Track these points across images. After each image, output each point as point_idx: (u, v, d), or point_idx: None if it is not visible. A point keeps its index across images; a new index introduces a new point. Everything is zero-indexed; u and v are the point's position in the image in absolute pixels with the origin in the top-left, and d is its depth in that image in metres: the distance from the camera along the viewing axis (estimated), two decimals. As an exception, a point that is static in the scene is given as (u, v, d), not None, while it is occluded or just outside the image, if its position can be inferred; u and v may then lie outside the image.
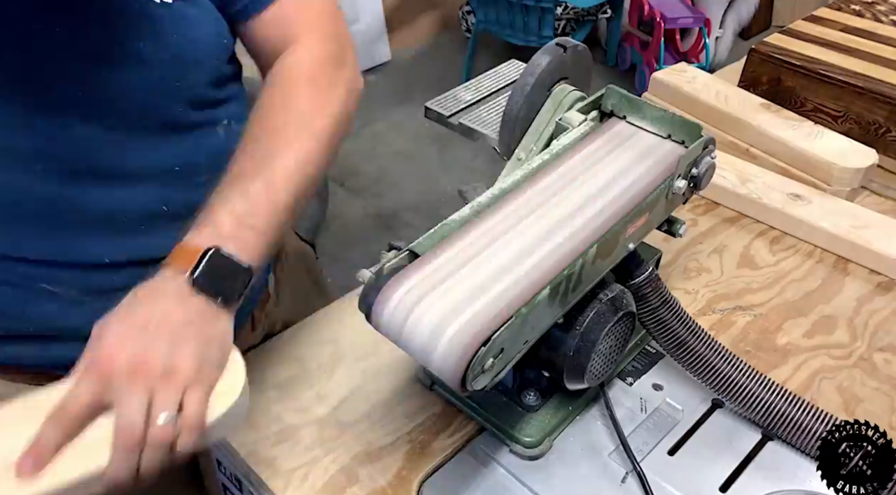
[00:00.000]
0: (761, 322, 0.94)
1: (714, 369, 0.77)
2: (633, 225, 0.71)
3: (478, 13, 3.32)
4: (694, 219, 1.11)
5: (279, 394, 0.84)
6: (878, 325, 0.94)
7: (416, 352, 0.60)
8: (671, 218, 0.81)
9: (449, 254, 0.65)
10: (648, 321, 0.78)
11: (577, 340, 0.71)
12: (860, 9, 1.44)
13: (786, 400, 0.75)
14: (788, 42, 1.33)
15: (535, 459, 0.77)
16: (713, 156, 0.78)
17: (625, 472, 0.75)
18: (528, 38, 3.19)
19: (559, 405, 0.79)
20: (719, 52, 3.64)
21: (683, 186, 0.75)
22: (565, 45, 0.82)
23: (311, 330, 0.93)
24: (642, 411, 0.81)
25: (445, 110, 0.93)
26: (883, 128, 1.20)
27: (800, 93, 1.28)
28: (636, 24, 3.49)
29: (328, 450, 0.78)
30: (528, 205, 0.71)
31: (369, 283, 0.62)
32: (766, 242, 1.08)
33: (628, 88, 1.02)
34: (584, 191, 0.73)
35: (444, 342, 0.58)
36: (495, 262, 0.64)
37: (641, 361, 0.87)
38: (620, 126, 0.81)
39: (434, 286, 0.61)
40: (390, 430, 0.80)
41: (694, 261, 1.04)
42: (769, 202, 1.08)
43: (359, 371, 0.87)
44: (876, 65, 1.25)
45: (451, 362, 0.57)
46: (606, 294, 0.73)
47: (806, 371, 0.88)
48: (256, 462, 0.77)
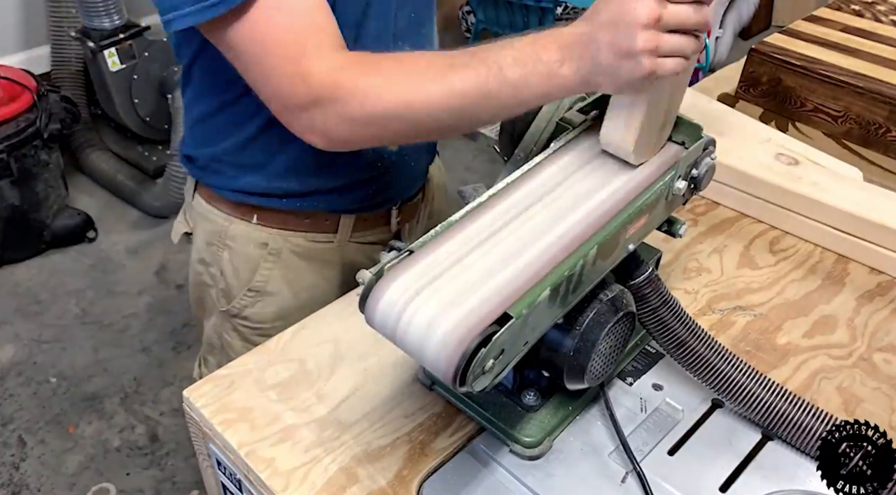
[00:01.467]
0: (761, 322, 0.94)
1: (714, 369, 0.77)
2: (634, 225, 0.71)
3: (478, 13, 3.32)
4: (694, 219, 1.11)
5: (279, 394, 0.84)
6: (878, 325, 0.94)
7: (410, 347, 0.60)
8: (671, 218, 0.81)
9: (443, 251, 0.65)
10: (648, 321, 0.78)
11: (577, 340, 0.71)
12: (860, 9, 1.44)
13: (786, 400, 0.75)
14: (788, 42, 1.33)
15: (535, 459, 0.77)
16: (713, 156, 0.78)
17: (625, 472, 0.75)
18: (528, 37, 3.19)
19: (559, 405, 0.79)
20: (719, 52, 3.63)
21: (683, 187, 0.75)
22: (565, 45, 0.82)
23: (311, 330, 0.93)
24: (642, 411, 0.81)
25: (445, 110, 0.93)
26: (883, 128, 1.20)
27: (800, 93, 1.28)
28: (636, 23, 3.49)
29: (328, 450, 0.78)
30: (523, 203, 0.71)
31: (369, 284, 0.62)
32: (766, 242, 1.08)
33: (628, 88, 1.02)
34: (580, 190, 0.73)
35: (436, 337, 0.58)
36: (489, 259, 0.64)
37: (641, 361, 0.87)
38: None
39: (428, 282, 0.61)
40: (390, 430, 0.80)
41: (694, 261, 1.04)
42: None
43: (359, 371, 0.87)
44: (876, 65, 1.25)
45: (445, 357, 0.57)
46: (606, 294, 0.73)
47: (806, 371, 0.88)
48: (256, 462, 0.77)
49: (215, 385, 0.85)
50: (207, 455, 0.88)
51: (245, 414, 0.82)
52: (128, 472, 1.84)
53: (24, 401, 2.01)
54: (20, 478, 1.82)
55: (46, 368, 2.10)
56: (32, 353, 2.14)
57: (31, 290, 2.34)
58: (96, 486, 1.80)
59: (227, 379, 0.86)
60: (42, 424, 1.95)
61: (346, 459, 0.77)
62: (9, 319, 2.24)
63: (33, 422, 1.96)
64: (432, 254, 0.64)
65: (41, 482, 1.82)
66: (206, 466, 0.92)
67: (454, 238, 0.66)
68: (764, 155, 1.12)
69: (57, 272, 2.41)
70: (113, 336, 2.20)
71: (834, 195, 1.04)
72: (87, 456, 1.87)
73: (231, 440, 0.79)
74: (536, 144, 0.82)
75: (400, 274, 0.62)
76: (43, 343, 2.17)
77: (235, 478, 0.83)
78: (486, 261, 0.64)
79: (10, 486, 1.81)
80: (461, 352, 0.56)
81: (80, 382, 2.06)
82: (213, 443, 0.83)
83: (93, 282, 2.37)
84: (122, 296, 2.32)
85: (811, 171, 1.09)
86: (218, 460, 0.85)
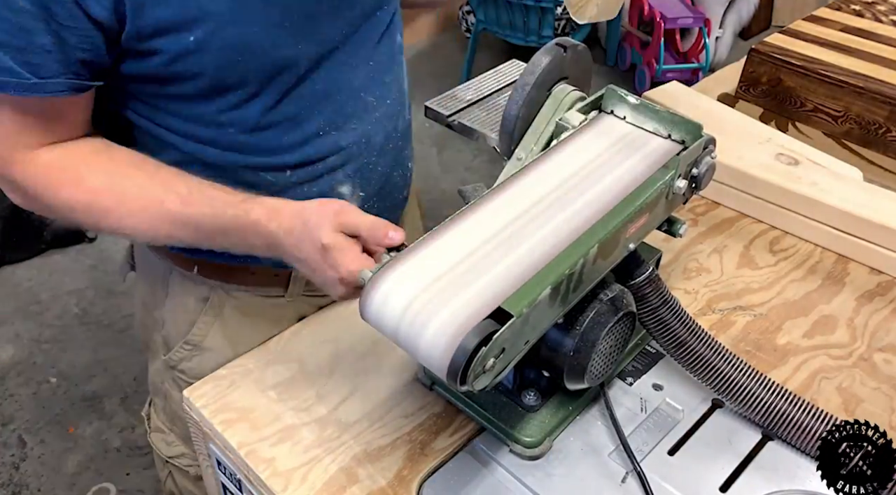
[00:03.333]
0: (761, 322, 0.94)
1: (714, 369, 0.77)
2: (634, 225, 0.71)
3: (478, 13, 3.32)
4: (694, 219, 1.11)
5: (279, 394, 0.84)
6: (878, 325, 0.94)
7: (408, 344, 0.60)
8: (671, 218, 0.81)
9: (443, 250, 0.65)
10: (648, 321, 0.78)
11: (577, 340, 0.71)
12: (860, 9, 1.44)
13: (786, 400, 0.75)
14: (788, 42, 1.33)
15: (535, 459, 0.77)
16: (713, 156, 0.78)
17: (625, 472, 0.75)
18: (528, 38, 3.19)
19: (559, 405, 0.79)
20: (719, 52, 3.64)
21: (684, 186, 0.75)
22: (565, 45, 0.82)
23: (311, 330, 0.93)
24: (642, 411, 0.81)
25: (445, 110, 0.93)
26: (883, 128, 1.20)
27: (800, 93, 1.28)
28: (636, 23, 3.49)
29: (328, 450, 0.78)
30: (520, 200, 0.71)
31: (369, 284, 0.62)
32: (766, 242, 1.08)
33: (628, 88, 1.02)
34: (579, 188, 0.72)
35: (430, 331, 0.58)
36: (489, 257, 0.64)
37: (641, 361, 0.87)
38: (619, 125, 0.81)
39: (427, 280, 0.61)
40: (390, 430, 0.80)
41: (694, 261, 1.04)
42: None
43: (359, 371, 0.87)
44: (876, 65, 1.25)
45: (438, 352, 0.57)
46: (606, 294, 0.73)
47: (806, 371, 0.88)
48: (256, 462, 0.77)
49: (215, 385, 0.85)
50: (207, 455, 0.88)
51: (245, 414, 0.82)
52: (128, 472, 1.84)
53: (24, 401, 2.01)
54: (20, 478, 1.83)
55: (46, 368, 2.10)
56: (32, 353, 2.14)
57: (31, 290, 2.34)
58: (96, 486, 1.80)
59: (228, 378, 0.86)
60: (42, 424, 1.95)
61: (346, 459, 0.77)
62: (9, 319, 2.24)
63: (33, 422, 1.96)
64: (432, 252, 0.64)
65: (41, 482, 1.82)
66: (206, 466, 0.92)
67: (454, 237, 0.66)
68: (764, 155, 1.12)
69: (57, 272, 2.41)
70: (113, 336, 2.20)
71: (834, 195, 1.04)
72: (87, 456, 1.87)
73: (231, 440, 0.79)
74: (536, 144, 0.82)
75: (400, 272, 0.62)
76: (43, 343, 2.17)
77: (235, 478, 0.83)
78: (485, 259, 0.64)
79: (10, 486, 1.81)
80: (457, 346, 0.56)
81: (80, 382, 2.06)
82: (213, 443, 0.83)
83: (93, 282, 2.37)
84: (122, 296, 2.31)
85: (811, 171, 1.09)
86: (218, 460, 0.85)
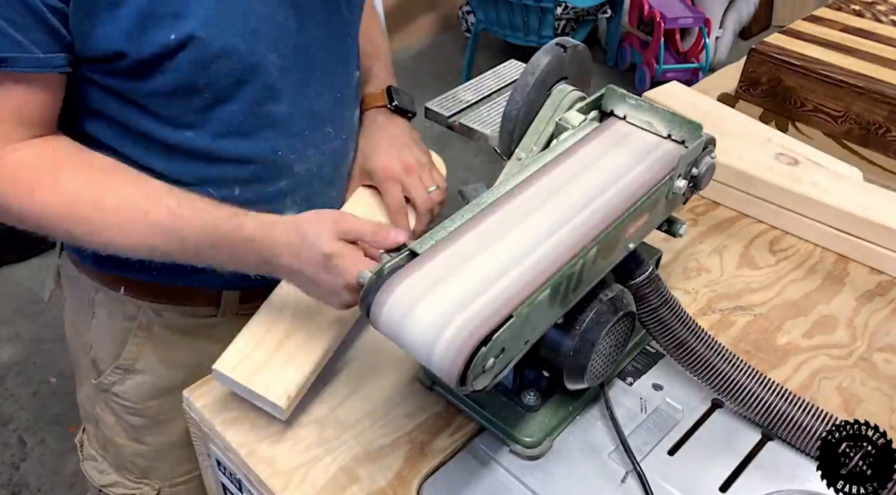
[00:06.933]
0: (761, 322, 0.94)
1: (714, 369, 0.77)
2: (634, 225, 0.71)
3: (478, 13, 3.32)
4: (694, 219, 1.11)
5: (279, 394, 0.84)
6: (878, 325, 0.94)
7: (416, 350, 0.60)
8: (671, 218, 0.81)
9: (448, 253, 0.65)
10: (648, 321, 0.78)
11: (577, 340, 0.71)
12: (860, 9, 1.44)
13: (786, 400, 0.75)
14: (788, 42, 1.33)
15: (535, 459, 0.77)
16: (713, 155, 0.78)
17: (625, 472, 0.75)
18: (528, 38, 3.19)
19: (559, 405, 0.79)
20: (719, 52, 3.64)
21: (684, 186, 0.75)
22: (565, 45, 0.82)
23: (311, 330, 0.93)
24: (642, 411, 0.81)
25: (445, 110, 0.93)
26: (883, 128, 1.20)
27: (800, 93, 1.28)
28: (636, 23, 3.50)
29: (328, 450, 0.78)
30: (527, 204, 0.71)
31: (370, 284, 0.62)
32: (766, 242, 1.08)
33: (628, 88, 1.02)
34: (583, 190, 0.72)
35: (443, 340, 0.58)
36: (494, 261, 0.64)
37: (641, 361, 0.87)
38: (620, 125, 0.81)
39: (433, 284, 0.61)
40: (390, 430, 0.80)
41: (694, 261, 1.04)
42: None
43: (359, 371, 0.87)
44: (876, 65, 1.25)
45: (450, 360, 0.57)
46: (606, 294, 0.73)
47: (806, 371, 0.88)
48: (256, 462, 0.77)
49: (215, 384, 0.85)
50: (207, 455, 0.88)
51: (245, 413, 0.82)
52: (128, 472, 1.84)
53: (24, 401, 2.01)
54: (20, 478, 1.83)
55: (46, 368, 2.10)
56: (32, 353, 2.14)
57: (31, 290, 2.34)
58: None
59: (227, 379, 0.86)
60: (42, 424, 1.95)
61: (347, 459, 0.77)
62: (9, 319, 2.24)
63: (33, 422, 1.96)
64: (436, 255, 0.64)
65: (41, 482, 1.82)
66: (206, 466, 0.92)
67: (457, 240, 0.66)
68: (764, 155, 1.12)
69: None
70: (113, 336, 2.20)
71: (834, 195, 1.04)
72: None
73: (231, 440, 0.79)
74: (536, 144, 0.82)
75: (405, 275, 0.62)
76: (43, 343, 2.17)
77: (235, 478, 0.83)
78: (489, 263, 0.64)
79: (10, 486, 1.81)
80: (465, 356, 0.56)
81: (80, 382, 2.06)
82: (213, 443, 0.83)
83: (93, 282, 2.37)
84: (122, 296, 2.32)
85: (811, 171, 1.09)
86: (218, 460, 0.85)
